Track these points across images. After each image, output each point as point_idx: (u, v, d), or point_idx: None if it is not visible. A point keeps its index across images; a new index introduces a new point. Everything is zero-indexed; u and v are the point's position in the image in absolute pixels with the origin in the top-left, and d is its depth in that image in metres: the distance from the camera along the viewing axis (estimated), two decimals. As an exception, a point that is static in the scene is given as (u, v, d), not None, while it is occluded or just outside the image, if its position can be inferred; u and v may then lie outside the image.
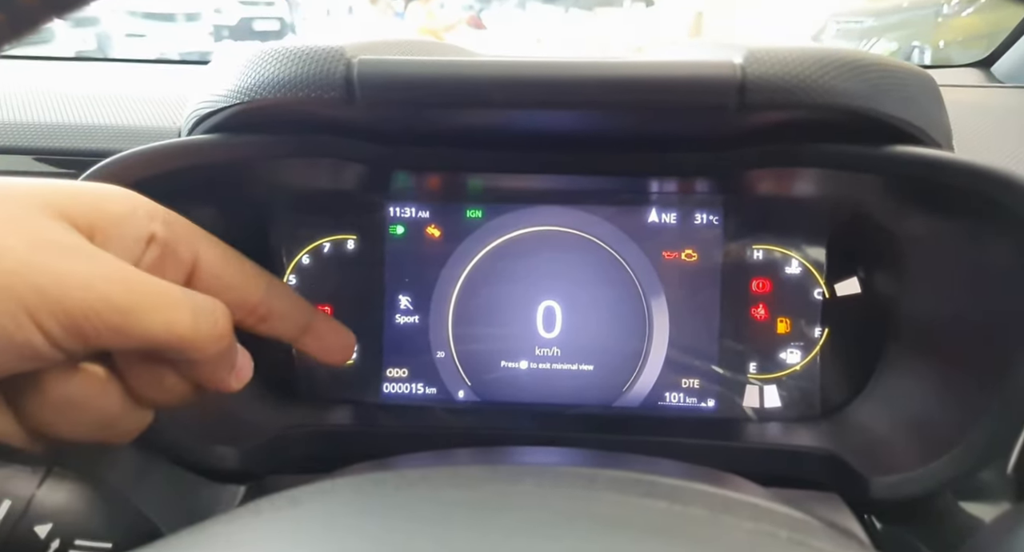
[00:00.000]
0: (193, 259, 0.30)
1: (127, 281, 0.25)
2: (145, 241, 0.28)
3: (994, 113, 0.47)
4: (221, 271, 0.31)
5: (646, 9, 6.71)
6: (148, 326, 0.25)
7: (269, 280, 0.33)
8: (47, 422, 0.26)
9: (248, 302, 0.32)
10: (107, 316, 0.24)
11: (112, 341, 0.24)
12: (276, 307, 0.33)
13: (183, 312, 0.26)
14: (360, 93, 0.28)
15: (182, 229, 0.30)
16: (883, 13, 3.12)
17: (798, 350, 0.47)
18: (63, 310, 0.23)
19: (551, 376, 0.49)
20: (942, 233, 0.39)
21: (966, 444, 0.35)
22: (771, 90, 0.29)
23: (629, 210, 0.49)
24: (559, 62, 0.28)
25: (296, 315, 0.35)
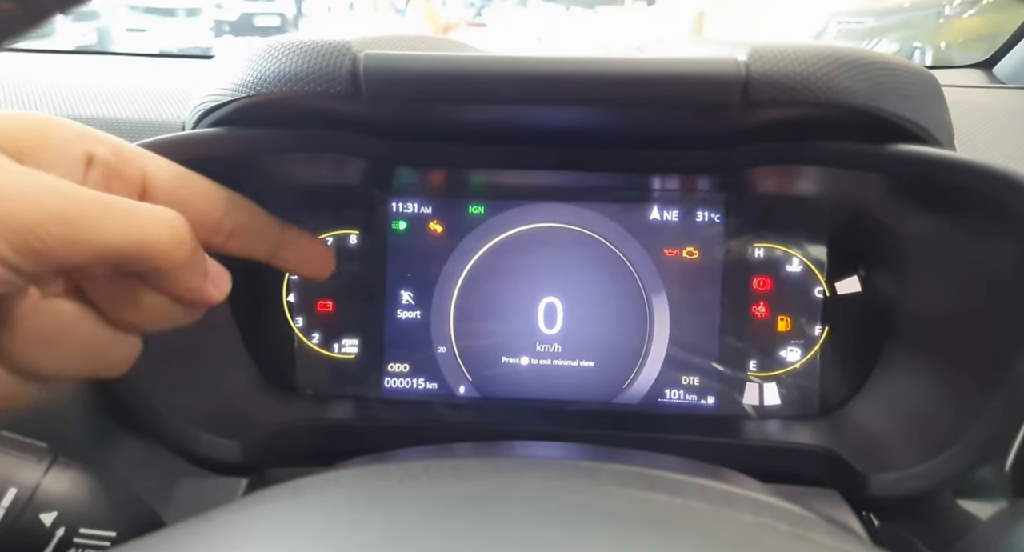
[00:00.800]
0: (142, 178, 0.29)
1: (67, 192, 0.24)
2: (85, 162, 0.27)
3: (996, 114, 0.47)
4: (174, 188, 0.30)
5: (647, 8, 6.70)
6: (100, 234, 0.24)
7: (229, 196, 0.32)
8: (29, 360, 0.25)
9: (209, 219, 0.31)
10: (53, 228, 0.23)
11: (66, 255, 0.24)
12: (241, 222, 0.32)
13: (135, 218, 0.25)
14: (366, 88, 0.28)
15: (128, 150, 0.29)
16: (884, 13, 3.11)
17: (798, 348, 0.48)
18: (6, 226, 0.22)
19: (552, 372, 0.49)
20: (943, 232, 0.39)
21: (964, 442, 0.35)
22: (775, 87, 0.29)
23: (631, 207, 0.49)
24: (565, 58, 0.28)
25: (265, 230, 0.33)
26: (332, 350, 0.49)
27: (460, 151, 0.42)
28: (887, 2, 3.36)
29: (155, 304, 0.28)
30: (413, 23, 4.42)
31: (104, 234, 0.24)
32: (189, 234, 0.27)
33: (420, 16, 4.41)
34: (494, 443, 0.35)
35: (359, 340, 0.49)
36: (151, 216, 0.26)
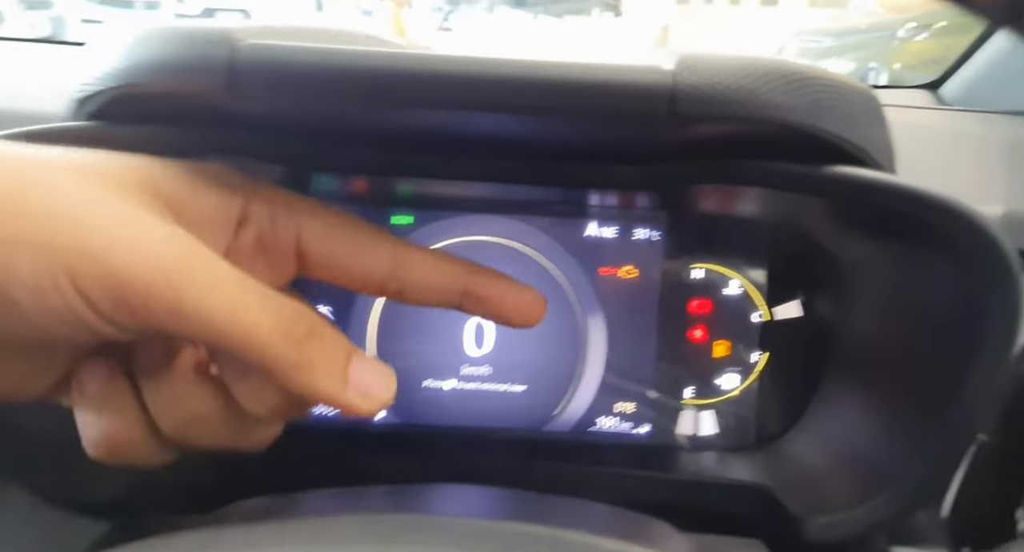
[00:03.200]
0: (295, 241, 0.27)
1: (188, 257, 0.22)
2: (237, 223, 0.26)
3: (939, 135, 0.46)
4: (329, 250, 0.27)
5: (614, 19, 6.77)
6: (205, 308, 0.21)
7: (396, 248, 0.28)
8: (167, 430, 0.25)
9: (371, 280, 0.27)
10: (158, 289, 0.21)
11: (167, 321, 0.21)
12: (410, 279, 0.28)
13: (250, 298, 0.22)
14: (245, 81, 0.25)
15: (283, 209, 0.26)
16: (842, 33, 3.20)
17: (736, 375, 0.45)
18: (108, 275, 0.21)
19: (478, 397, 0.46)
20: (882, 258, 0.37)
21: (903, 482, 0.33)
22: (704, 100, 0.26)
23: (567, 222, 0.46)
24: (474, 58, 0.25)
25: (442, 282, 0.28)
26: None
27: (383, 158, 0.39)
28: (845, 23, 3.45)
29: (281, 403, 0.25)
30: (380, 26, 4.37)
31: (210, 309, 0.22)
32: (308, 333, 0.23)
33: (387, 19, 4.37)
34: (398, 489, 0.32)
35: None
36: (266, 305, 0.23)
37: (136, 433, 0.24)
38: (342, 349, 0.25)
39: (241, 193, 0.26)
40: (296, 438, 0.44)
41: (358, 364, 0.25)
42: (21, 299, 0.20)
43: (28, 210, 0.20)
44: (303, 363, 0.23)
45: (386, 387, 0.26)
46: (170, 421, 0.25)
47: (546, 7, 7.06)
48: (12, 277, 0.20)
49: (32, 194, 0.21)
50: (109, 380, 0.24)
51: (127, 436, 0.25)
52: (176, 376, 0.24)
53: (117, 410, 0.24)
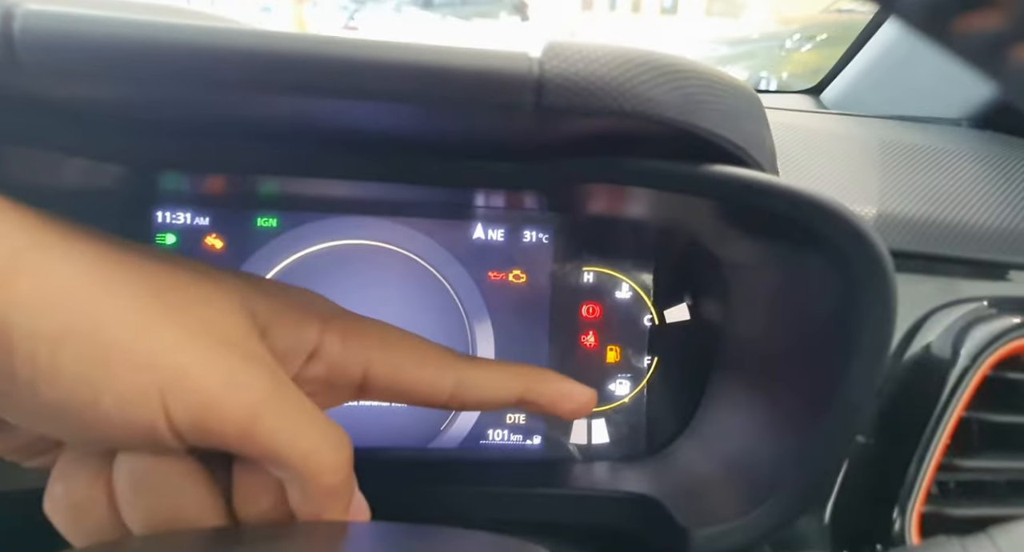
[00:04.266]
0: (363, 372, 0.28)
1: (273, 389, 0.23)
2: (309, 353, 0.27)
3: (820, 137, 0.47)
4: (395, 382, 0.28)
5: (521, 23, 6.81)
6: (273, 437, 0.23)
7: (458, 372, 0.29)
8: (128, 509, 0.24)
9: (434, 402, 0.29)
10: (242, 421, 0.22)
11: (234, 443, 0.23)
12: (472, 398, 0.29)
13: (312, 431, 0.24)
14: (23, 54, 0.20)
15: (355, 340, 0.28)
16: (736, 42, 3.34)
17: (627, 381, 0.44)
18: (199, 403, 0.22)
19: (358, 415, 0.43)
20: (763, 260, 0.36)
21: (787, 488, 0.32)
22: (572, 91, 0.24)
23: (451, 224, 0.43)
24: (308, 37, 0.22)
25: (500, 396, 0.30)
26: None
27: (238, 152, 0.35)
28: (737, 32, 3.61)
29: (273, 511, 0.26)
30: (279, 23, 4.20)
31: (276, 437, 0.23)
32: (349, 463, 0.25)
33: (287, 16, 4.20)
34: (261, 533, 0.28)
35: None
36: (324, 434, 0.24)
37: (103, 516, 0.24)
38: (353, 483, 0.27)
39: (317, 322, 0.27)
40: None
41: (356, 498, 0.28)
42: (108, 408, 0.21)
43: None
44: (336, 491, 0.25)
45: (366, 518, 0.28)
46: (146, 515, 0.24)
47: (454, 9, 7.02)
48: (107, 385, 0.21)
49: None
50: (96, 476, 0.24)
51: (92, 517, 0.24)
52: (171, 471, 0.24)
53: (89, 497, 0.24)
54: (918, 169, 0.42)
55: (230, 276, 0.26)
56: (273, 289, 0.27)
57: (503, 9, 7.41)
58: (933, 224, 0.39)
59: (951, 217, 0.39)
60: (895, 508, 0.34)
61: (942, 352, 0.36)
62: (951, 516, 0.35)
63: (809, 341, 0.34)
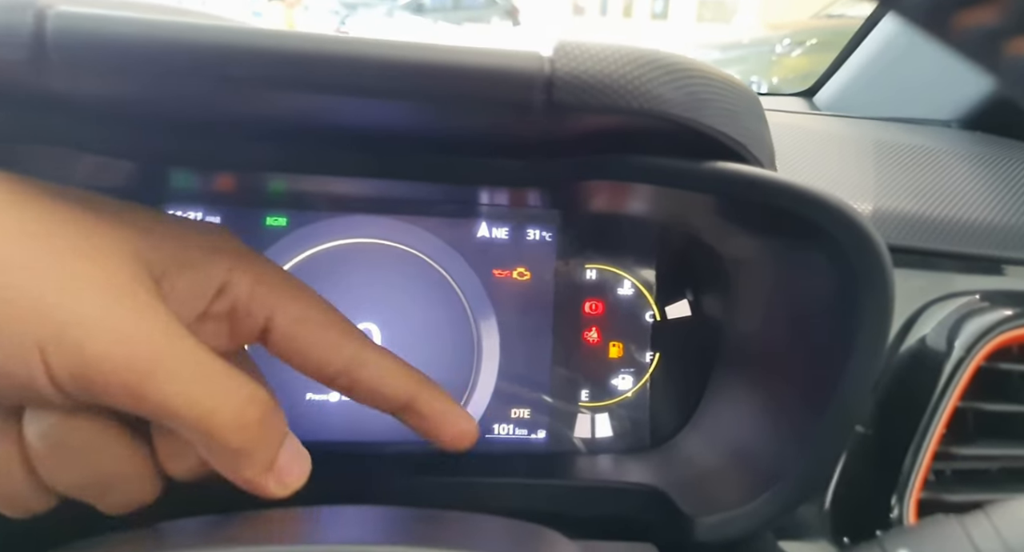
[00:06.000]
0: (267, 318, 0.27)
1: (163, 344, 0.22)
2: (216, 290, 0.26)
3: (814, 138, 0.48)
4: (296, 334, 0.28)
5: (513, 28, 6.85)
6: (164, 396, 0.22)
7: (358, 347, 0.29)
8: (48, 471, 0.24)
9: (324, 372, 0.29)
10: (123, 374, 0.21)
11: (122, 401, 0.22)
12: (364, 378, 0.29)
13: (210, 390, 0.23)
14: (55, 54, 0.21)
15: (262, 287, 0.27)
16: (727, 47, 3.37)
17: (630, 376, 0.45)
18: (78, 354, 0.21)
19: (366, 410, 0.43)
20: (763, 255, 0.37)
21: (789, 478, 0.33)
22: (582, 89, 0.25)
23: (456, 222, 0.44)
24: (324, 37, 0.23)
25: (391, 389, 0.30)
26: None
27: (249, 150, 0.35)
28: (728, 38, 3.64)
29: (204, 468, 0.26)
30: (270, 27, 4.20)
31: (168, 396, 0.22)
32: (258, 420, 0.24)
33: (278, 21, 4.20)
34: (271, 515, 0.29)
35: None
36: (226, 392, 0.23)
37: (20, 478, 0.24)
38: (279, 434, 0.26)
39: (226, 262, 0.26)
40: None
41: (287, 449, 0.26)
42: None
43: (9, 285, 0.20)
44: (243, 450, 0.24)
45: (301, 474, 0.27)
46: (68, 476, 0.24)
47: (445, 14, 7.05)
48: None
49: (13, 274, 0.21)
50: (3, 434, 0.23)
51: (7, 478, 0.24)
52: (85, 428, 0.23)
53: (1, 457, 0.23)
54: (911, 168, 0.43)
55: (127, 224, 0.25)
56: (176, 229, 0.26)
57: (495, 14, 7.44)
58: (927, 220, 0.40)
59: (944, 213, 0.41)
60: (893, 495, 0.35)
61: (937, 344, 0.38)
62: (947, 502, 0.36)
63: (809, 334, 0.35)
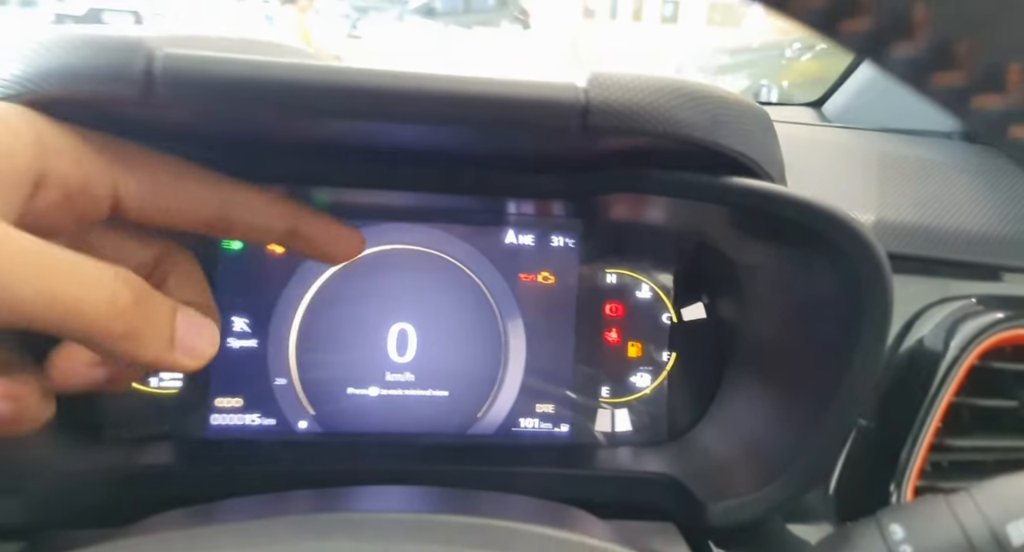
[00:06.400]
0: (112, 195, 0.25)
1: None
2: (32, 184, 0.23)
3: (822, 150, 0.51)
4: (148, 200, 0.26)
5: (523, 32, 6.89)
6: (12, 294, 0.20)
7: (224, 193, 0.28)
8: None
9: (197, 224, 0.28)
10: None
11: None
12: (237, 219, 0.28)
13: (66, 280, 0.21)
14: (163, 91, 0.25)
15: (95, 164, 0.25)
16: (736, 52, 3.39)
17: (648, 374, 0.48)
18: None
19: (402, 403, 0.46)
20: (774, 262, 0.40)
21: (794, 468, 0.36)
22: (613, 115, 0.28)
23: (485, 230, 0.47)
24: (392, 72, 0.26)
25: (268, 222, 0.29)
26: (149, 385, 0.43)
27: (299, 166, 0.39)
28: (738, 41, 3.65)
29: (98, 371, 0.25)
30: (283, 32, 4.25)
31: (17, 294, 0.20)
32: (134, 300, 0.23)
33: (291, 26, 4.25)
34: (325, 492, 0.32)
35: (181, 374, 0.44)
36: (85, 278, 0.22)
37: None
38: (167, 309, 0.25)
39: (31, 150, 0.23)
40: (213, 449, 0.43)
41: (183, 321, 0.25)
42: None
43: None
44: (130, 333, 0.23)
45: (211, 341, 0.26)
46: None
47: (456, 18, 7.09)
48: None
49: None
50: None
51: None
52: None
53: None
54: (912, 179, 0.46)
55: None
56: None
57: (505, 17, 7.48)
58: (926, 229, 0.43)
59: (943, 223, 0.44)
60: (892, 483, 0.38)
61: (934, 345, 0.41)
62: (942, 490, 0.39)
63: (815, 335, 0.39)
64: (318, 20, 5.73)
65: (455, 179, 0.37)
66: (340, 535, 0.21)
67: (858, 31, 0.15)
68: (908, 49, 0.15)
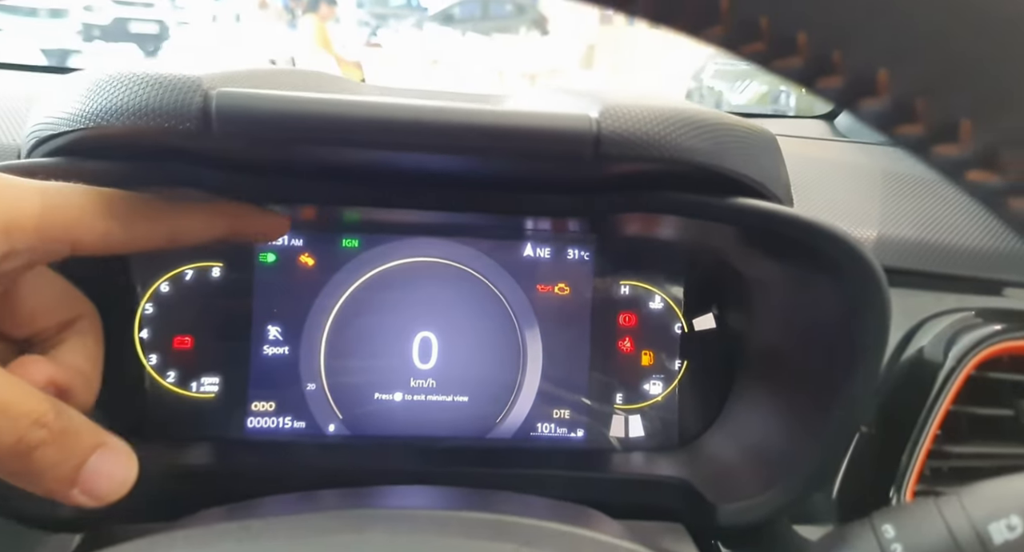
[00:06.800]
0: (73, 245, 0.27)
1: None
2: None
3: (832, 166, 0.53)
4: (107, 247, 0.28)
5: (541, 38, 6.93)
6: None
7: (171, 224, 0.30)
8: None
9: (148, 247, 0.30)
10: None
11: None
12: (185, 239, 0.31)
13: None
14: (217, 126, 0.27)
15: (55, 230, 0.27)
16: (754, 59, 3.37)
17: (660, 381, 0.50)
18: None
19: (425, 408, 0.49)
20: (780, 276, 0.42)
21: (798, 471, 0.38)
22: (623, 144, 0.31)
23: (505, 244, 0.50)
24: (422, 107, 0.29)
25: (210, 234, 0.32)
26: (190, 389, 0.46)
27: (332, 189, 0.42)
28: (756, 49, 3.64)
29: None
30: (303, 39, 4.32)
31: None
32: (47, 438, 0.24)
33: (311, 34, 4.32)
34: (356, 491, 0.34)
35: (220, 378, 0.47)
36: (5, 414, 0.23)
37: None
38: (79, 449, 0.26)
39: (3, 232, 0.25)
40: (250, 450, 0.46)
41: (97, 462, 0.26)
42: None
43: None
44: (30, 473, 0.24)
45: (120, 483, 0.27)
46: None
47: (474, 24, 7.15)
48: None
49: None
50: None
51: None
52: None
53: None
54: (915, 196, 0.48)
55: None
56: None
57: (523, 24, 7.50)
58: (928, 244, 0.45)
59: (944, 238, 0.45)
60: (892, 487, 0.40)
61: (933, 355, 0.42)
62: (941, 494, 0.41)
63: (819, 346, 0.40)
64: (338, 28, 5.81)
65: (476, 199, 0.39)
66: (376, 528, 0.23)
67: (833, 88, 0.18)
68: (875, 104, 0.17)
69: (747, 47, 0.18)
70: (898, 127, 0.18)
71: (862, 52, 0.17)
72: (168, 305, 0.46)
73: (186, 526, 0.27)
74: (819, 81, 0.18)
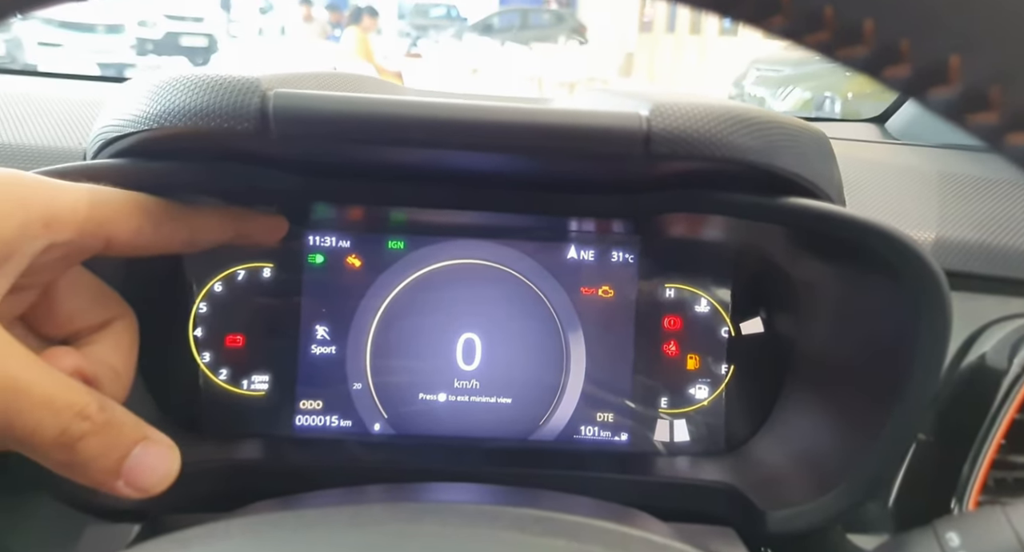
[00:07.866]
0: (106, 242, 0.29)
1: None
2: (40, 252, 0.26)
3: (884, 168, 0.51)
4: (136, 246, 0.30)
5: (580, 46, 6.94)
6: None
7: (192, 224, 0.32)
8: None
9: (170, 249, 0.32)
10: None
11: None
12: (201, 243, 0.33)
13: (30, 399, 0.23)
14: (275, 127, 0.28)
15: (93, 224, 0.28)
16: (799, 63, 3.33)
17: (706, 386, 0.49)
18: None
19: (469, 409, 0.49)
20: (832, 279, 0.41)
21: (852, 479, 0.37)
22: (674, 142, 0.30)
23: (549, 246, 0.50)
24: (476, 106, 0.29)
25: (221, 238, 0.34)
26: (241, 387, 0.48)
27: (380, 189, 0.42)
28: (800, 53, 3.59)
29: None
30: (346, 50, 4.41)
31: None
32: (89, 430, 0.25)
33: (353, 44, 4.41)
34: (402, 486, 0.35)
35: (270, 376, 0.48)
36: (44, 407, 0.24)
37: None
38: (122, 441, 0.26)
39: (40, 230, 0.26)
40: (298, 447, 0.46)
41: (141, 454, 0.26)
42: None
43: None
44: (76, 464, 0.25)
45: (163, 476, 0.27)
46: None
47: (513, 34, 7.20)
48: None
49: None
50: None
51: None
52: None
53: None
54: (973, 197, 0.46)
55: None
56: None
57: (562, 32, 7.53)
58: (988, 247, 0.43)
59: (1005, 240, 0.44)
60: (953, 497, 0.39)
61: (996, 361, 0.41)
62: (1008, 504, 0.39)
63: (873, 351, 0.39)
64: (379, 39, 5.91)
65: (521, 200, 0.39)
66: (428, 520, 0.23)
67: (900, 77, 0.17)
68: (945, 92, 0.17)
69: (811, 37, 0.18)
70: (970, 116, 0.17)
71: (932, 39, 0.16)
72: (221, 304, 0.47)
73: (241, 516, 0.28)
74: (886, 70, 0.17)
